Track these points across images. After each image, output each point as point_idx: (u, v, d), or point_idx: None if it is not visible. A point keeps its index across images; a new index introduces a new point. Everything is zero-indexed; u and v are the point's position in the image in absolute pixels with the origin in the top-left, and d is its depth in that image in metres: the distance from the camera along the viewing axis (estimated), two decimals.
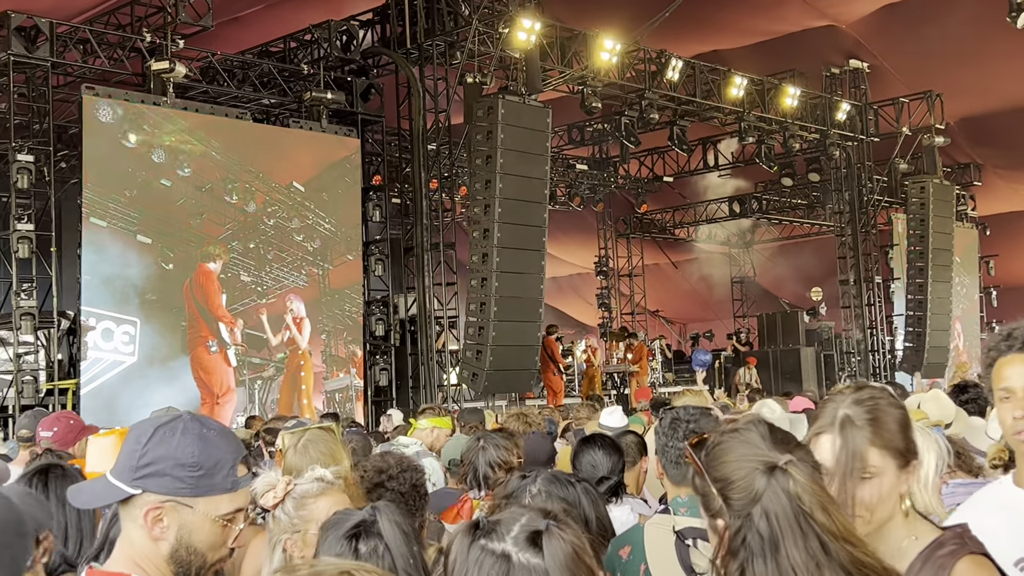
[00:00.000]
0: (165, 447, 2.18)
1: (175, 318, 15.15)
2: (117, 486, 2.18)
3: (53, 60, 14.76)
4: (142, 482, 2.16)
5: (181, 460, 2.17)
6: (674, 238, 32.21)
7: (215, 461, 2.22)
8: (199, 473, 2.19)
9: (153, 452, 2.18)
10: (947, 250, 25.04)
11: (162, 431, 2.20)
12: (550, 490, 3.18)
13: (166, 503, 2.17)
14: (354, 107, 17.79)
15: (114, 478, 2.20)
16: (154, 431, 2.20)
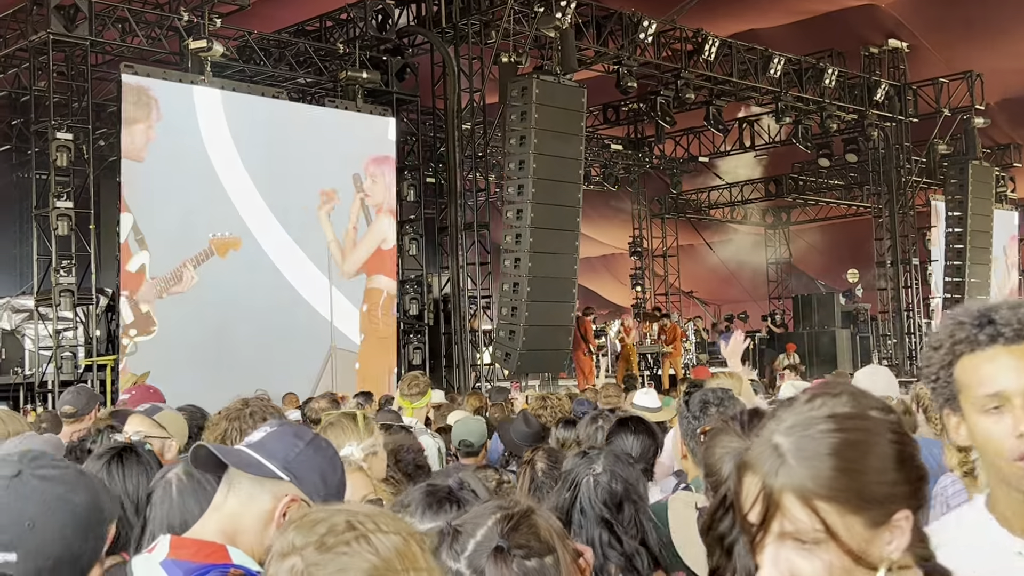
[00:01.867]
0: (322, 458, 2.35)
1: None
2: (266, 465, 2.28)
3: (92, 39, 14.90)
4: (295, 472, 2.28)
5: (327, 476, 2.34)
6: (709, 218, 32.06)
7: (339, 489, 2.39)
8: (330, 492, 2.32)
9: (310, 456, 2.32)
10: (986, 232, 24.77)
11: (318, 441, 2.39)
12: (615, 470, 3.11)
13: (301, 500, 2.27)
14: (389, 87, 17.83)
15: (261, 457, 2.29)
16: (314, 437, 2.39)
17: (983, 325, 1.87)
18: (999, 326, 1.86)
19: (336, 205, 16.74)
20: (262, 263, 15.78)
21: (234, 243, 15.42)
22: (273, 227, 15.98)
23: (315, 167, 16.46)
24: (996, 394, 1.84)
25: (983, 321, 1.88)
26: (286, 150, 16.08)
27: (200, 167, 15.15)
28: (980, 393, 1.85)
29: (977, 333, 1.87)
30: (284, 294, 16.00)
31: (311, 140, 16.34)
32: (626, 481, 3.09)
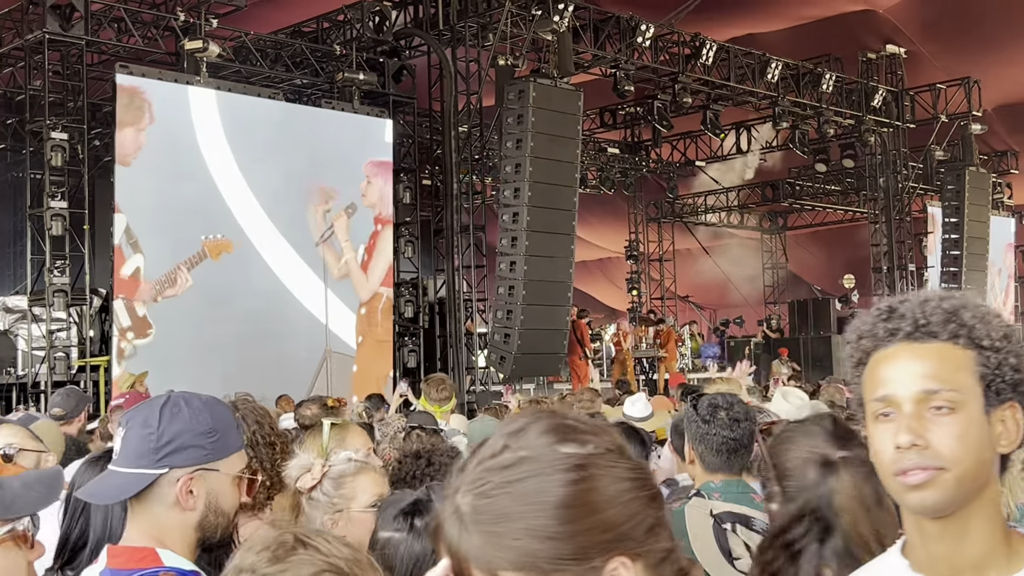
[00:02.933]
0: (180, 422, 2.23)
1: None
2: (139, 473, 2.21)
3: (88, 38, 14.85)
4: (167, 460, 2.21)
5: (199, 429, 2.24)
6: (705, 223, 32.04)
7: (226, 423, 2.32)
8: (216, 437, 2.26)
9: (169, 430, 2.22)
10: (983, 239, 24.77)
11: (167, 409, 2.25)
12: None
13: (195, 473, 2.23)
14: (386, 88, 17.79)
15: (129, 467, 2.22)
16: (160, 412, 2.25)
17: (887, 318, 1.69)
18: (899, 320, 1.66)
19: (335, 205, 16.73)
20: (256, 265, 15.73)
21: (226, 245, 15.36)
22: (268, 229, 15.93)
23: (310, 169, 16.41)
24: (884, 398, 1.63)
25: (887, 314, 1.69)
26: (281, 151, 16.03)
27: (194, 168, 15.11)
28: (871, 397, 1.66)
29: (879, 327, 1.68)
30: (279, 296, 15.96)
31: (307, 141, 16.30)
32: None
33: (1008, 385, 1.62)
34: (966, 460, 1.58)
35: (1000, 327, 1.66)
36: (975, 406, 1.60)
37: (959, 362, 1.62)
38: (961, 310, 1.66)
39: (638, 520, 1.31)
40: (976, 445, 1.59)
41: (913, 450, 1.58)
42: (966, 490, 1.59)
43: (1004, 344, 1.63)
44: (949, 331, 1.63)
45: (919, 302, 1.68)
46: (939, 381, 1.60)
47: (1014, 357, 1.64)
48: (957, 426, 1.59)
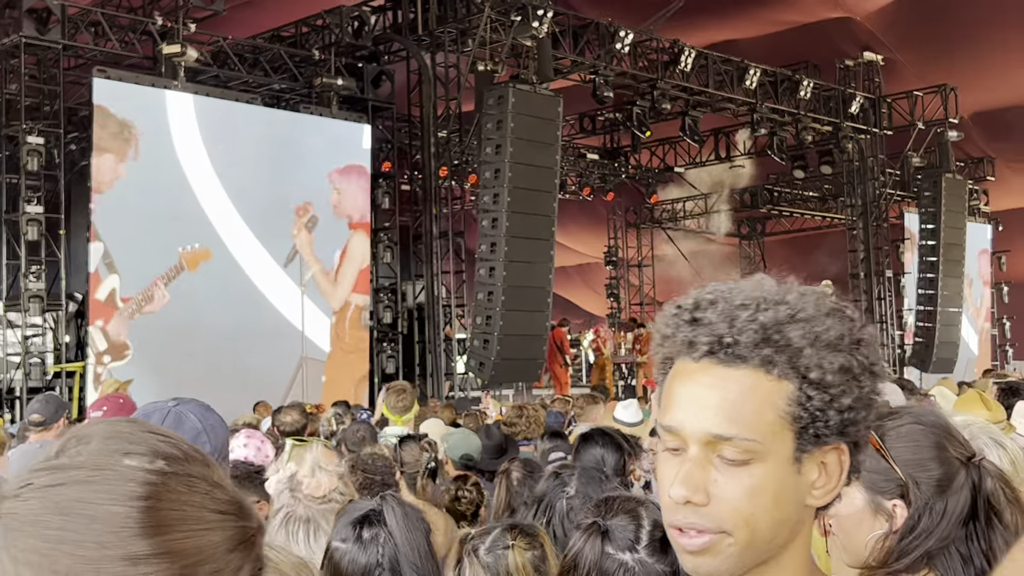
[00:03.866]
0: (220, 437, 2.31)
1: None
2: None
3: (64, 42, 14.77)
4: None
5: (226, 439, 2.35)
6: (684, 228, 32.09)
7: (223, 441, 2.36)
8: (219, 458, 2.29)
9: (218, 446, 2.29)
10: (959, 245, 24.89)
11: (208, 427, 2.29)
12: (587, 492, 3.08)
13: None
14: (364, 93, 17.76)
15: None
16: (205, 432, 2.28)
17: (690, 321, 1.35)
18: (701, 329, 1.33)
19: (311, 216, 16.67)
20: (233, 272, 15.67)
21: (204, 255, 15.28)
22: (243, 233, 15.87)
23: (288, 173, 16.36)
24: (671, 429, 1.33)
25: (690, 315, 1.35)
26: (259, 156, 15.98)
27: (171, 174, 15.02)
28: (661, 419, 1.35)
29: (681, 332, 1.35)
30: (255, 303, 15.89)
31: (285, 146, 16.24)
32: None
33: (832, 429, 1.30)
34: (758, 523, 1.29)
35: (842, 354, 1.29)
36: (780, 455, 1.29)
37: (767, 398, 1.28)
38: (786, 326, 1.29)
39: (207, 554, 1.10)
40: (774, 503, 1.29)
41: (689, 507, 1.29)
42: (757, 555, 1.31)
43: (839, 379, 1.28)
44: (762, 356, 1.29)
45: (731, 308, 1.33)
46: (735, 424, 1.28)
47: (848, 396, 1.29)
48: (750, 480, 1.28)
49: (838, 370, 1.28)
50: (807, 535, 1.36)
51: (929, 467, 1.97)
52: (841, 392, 1.28)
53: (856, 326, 1.33)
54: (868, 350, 1.32)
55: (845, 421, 1.29)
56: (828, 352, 1.28)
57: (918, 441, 2.00)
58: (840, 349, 1.29)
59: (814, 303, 1.33)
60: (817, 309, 1.32)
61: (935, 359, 24.22)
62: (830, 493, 1.33)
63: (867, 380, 1.31)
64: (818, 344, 1.28)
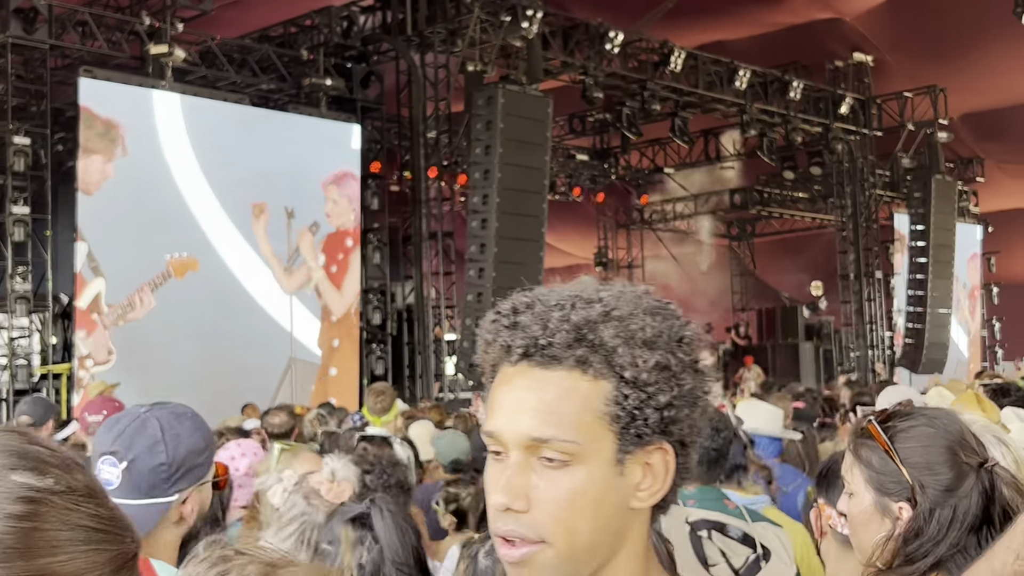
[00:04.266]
0: (184, 446, 2.26)
1: None
2: (155, 503, 2.22)
3: (51, 42, 14.67)
4: (177, 486, 2.25)
5: (198, 448, 2.29)
6: (674, 230, 32.10)
7: (210, 433, 2.38)
8: (209, 451, 2.33)
9: (178, 457, 2.25)
10: (948, 246, 24.93)
11: (169, 436, 2.26)
12: None
13: (193, 491, 2.27)
14: (353, 94, 17.70)
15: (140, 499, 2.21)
16: (164, 440, 2.25)
17: (509, 326, 1.31)
18: (518, 333, 1.30)
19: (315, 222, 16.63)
20: (221, 273, 15.58)
21: (191, 264, 15.18)
22: (231, 235, 15.79)
23: (277, 174, 16.28)
24: (491, 433, 1.30)
25: (510, 319, 1.32)
26: (247, 157, 15.90)
27: (158, 175, 14.94)
28: (484, 427, 1.33)
29: (501, 336, 1.32)
30: (243, 304, 15.81)
31: (273, 147, 16.17)
32: None
33: (652, 428, 1.28)
34: (579, 530, 1.25)
35: (658, 352, 1.28)
36: (601, 457, 1.26)
37: (585, 398, 1.26)
38: (599, 325, 1.27)
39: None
40: (595, 506, 1.26)
41: (509, 514, 1.26)
42: (580, 565, 1.27)
43: (655, 377, 1.27)
44: (576, 356, 1.27)
45: (546, 309, 1.30)
46: (552, 426, 1.25)
47: (666, 394, 1.27)
48: (571, 483, 1.25)
49: (653, 367, 1.26)
50: (639, 541, 1.33)
51: (937, 471, 1.94)
52: (658, 390, 1.27)
53: (677, 324, 1.32)
54: (690, 348, 1.32)
55: (666, 419, 1.28)
56: (643, 350, 1.27)
57: (928, 443, 1.97)
58: (657, 347, 1.28)
59: (631, 301, 1.31)
60: (633, 307, 1.30)
61: (925, 360, 24.26)
62: (655, 495, 1.30)
63: (688, 378, 1.30)
64: (632, 342, 1.27)
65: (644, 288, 1.37)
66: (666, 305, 1.34)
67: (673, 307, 1.35)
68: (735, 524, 3.05)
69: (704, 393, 1.33)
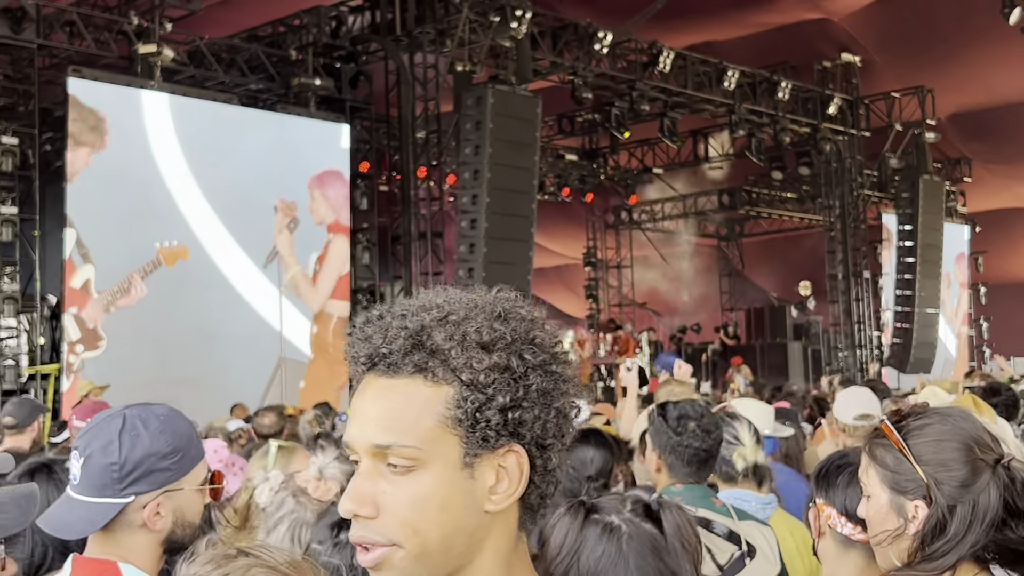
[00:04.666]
0: (141, 448, 2.19)
1: None
2: (105, 503, 2.17)
3: (39, 42, 14.63)
4: (132, 488, 2.18)
5: (161, 452, 2.21)
6: (663, 230, 32.15)
7: (186, 438, 2.28)
8: (178, 456, 2.23)
9: (132, 458, 2.18)
10: (936, 246, 25.03)
11: (126, 435, 2.20)
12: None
13: (161, 496, 2.20)
14: (342, 94, 17.68)
15: (93, 497, 2.18)
16: (119, 438, 2.19)
17: (362, 340, 1.35)
18: (364, 344, 1.34)
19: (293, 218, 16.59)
20: (210, 272, 15.56)
21: (181, 252, 15.18)
22: (220, 234, 15.77)
23: (265, 174, 16.27)
24: (346, 443, 1.35)
25: (361, 332, 1.36)
26: (236, 156, 15.89)
27: (147, 174, 14.91)
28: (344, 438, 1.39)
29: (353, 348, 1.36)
30: (232, 303, 15.78)
31: (262, 146, 16.16)
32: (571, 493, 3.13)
33: (497, 430, 1.28)
34: (429, 532, 1.27)
35: (496, 353, 1.29)
36: (447, 461, 1.28)
37: (426, 404, 1.28)
38: (434, 329, 1.30)
39: None
40: (442, 510, 1.28)
41: (360, 521, 1.30)
42: (435, 566, 1.29)
43: (492, 378, 1.28)
44: (413, 363, 1.29)
45: (391, 318, 1.33)
46: (394, 432, 1.28)
47: (506, 395, 1.28)
48: (416, 488, 1.28)
49: (491, 369, 1.27)
50: (500, 543, 1.33)
51: (952, 467, 1.94)
52: (497, 391, 1.27)
53: (526, 325, 1.33)
54: (540, 349, 1.32)
55: (512, 421, 1.28)
56: (479, 352, 1.28)
57: (942, 441, 1.97)
58: (495, 348, 1.29)
59: (470, 305, 1.34)
60: (472, 310, 1.32)
61: (913, 360, 24.35)
62: (510, 497, 1.31)
63: (537, 379, 1.30)
64: (467, 344, 1.28)
65: (501, 292, 1.38)
66: (516, 307, 1.35)
67: (524, 309, 1.36)
68: (721, 521, 3.08)
69: (562, 394, 1.33)
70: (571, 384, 1.36)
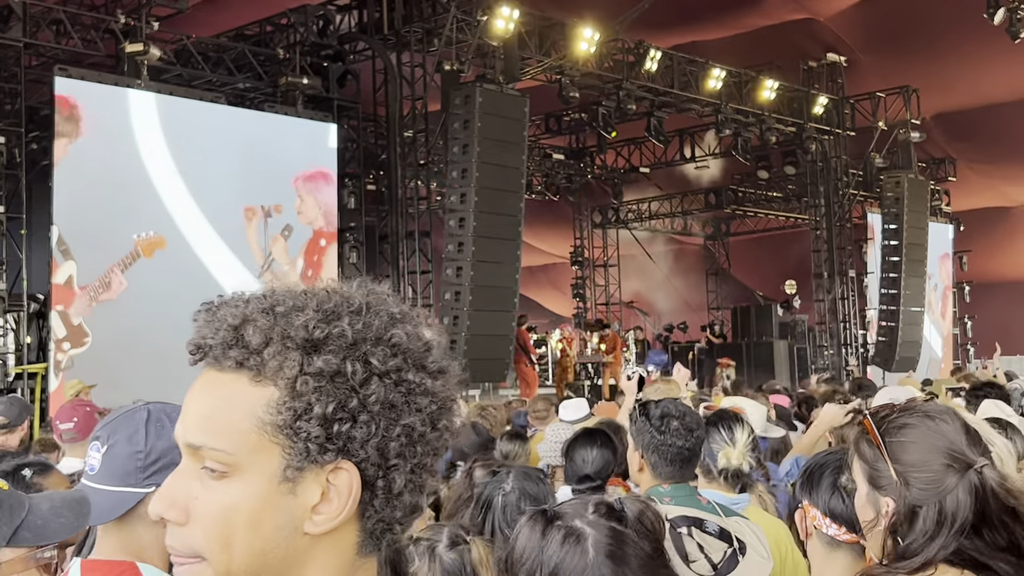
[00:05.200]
0: (166, 439, 2.18)
1: None
2: (126, 492, 2.17)
3: (26, 40, 14.58)
4: (154, 478, 2.17)
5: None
6: (650, 229, 32.22)
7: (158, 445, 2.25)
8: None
9: (157, 448, 2.19)
10: (921, 245, 25.15)
11: (152, 426, 2.21)
12: (524, 487, 3.16)
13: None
14: (330, 93, 17.67)
15: (113, 486, 2.18)
16: (146, 429, 2.21)
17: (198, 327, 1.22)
18: (196, 334, 1.21)
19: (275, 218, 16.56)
20: (197, 271, 15.51)
21: (159, 242, 15.08)
22: (209, 234, 15.74)
23: (253, 173, 16.24)
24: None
25: (196, 320, 1.23)
26: (223, 156, 15.86)
27: (134, 174, 14.85)
28: None
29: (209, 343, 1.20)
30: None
31: (249, 145, 16.12)
32: (534, 498, 3.19)
33: (320, 443, 1.12)
34: (233, 551, 1.12)
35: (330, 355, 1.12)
36: (264, 472, 1.12)
37: (247, 405, 1.13)
38: (254, 322, 1.15)
39: None
40: (250, 526, 1.13)
41: (171, 527, 1.16)
42: None
43: (316, 384, 1.11)
44: (233, 357, 1.14)
45: (217, 307, 1.20)
46: (206, 432, 1.14)
47: (329, 405, 1.11)
48: (226, 497, 1.13)
49: (316, 373, 1.11)
50: (327, 570, 1.17)
51: (922, 469, 1.94)
52: (318, 400, 1.11)
53: (377, 324, 1.16)
54: (392, 353, 1.15)
55: (337, 435, 1.12)
56: (299, 352, 1.12)
57: (917, 442, 1.97)
58: (325, 349, 1.13)
59: (303, 296, 1.18)
60: (304, 303, 1.16)
61: (898, 358, 24.46)
62: (333, 519, 1.14)
63: (381, 388, 1.13)
64: (289, 342, 1.12)
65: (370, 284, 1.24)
66: (368, 304, 1.18)
67: (379, 305, 1.19)
68: (711, 520, 3.11)
69: (418, 409, 1.16)
70: (435, 397, 1.18)
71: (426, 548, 2.67)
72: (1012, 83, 23.27)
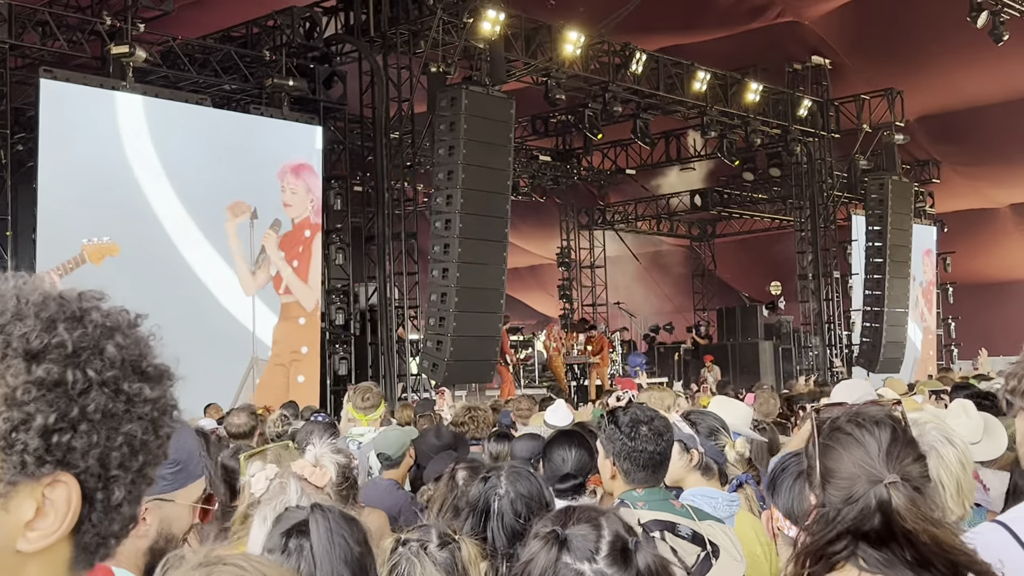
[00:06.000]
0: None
1: None
2: None
3: (11, 42, 14.57)
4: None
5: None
6: (636, 230, 32.29)
7: (188, 453, 2.30)
8: (177, 468, 2.25)
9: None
10: (905, 247, 25.27)
11: None
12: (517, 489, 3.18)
13: (149, 503, 2.20)
14: (316, 94, 17.68)
15: None
16: None
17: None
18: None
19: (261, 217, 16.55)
20: (183, 272, 15.50)
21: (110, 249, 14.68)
22: (194, 234, 15.73)
23: (239, 174, 16.24)
24: None
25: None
26: (209, 157, 15.85)
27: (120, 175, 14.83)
28: None
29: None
30: (205, 303, 15.75)
31: (235, 147, 16.11)
32: (528, 497, 3.19)
33: (38, 455, 1.07)
34: None
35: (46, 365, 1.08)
36: None
37: None
38: None
39: None
40: None
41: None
42: None
43: (34, 394, 1.07)
44: None
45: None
46: None
47: (50, 415, 1.07)
48: None
49: (34, 383, 1.06)
50: None
51: (839, 475, 1.97)
52: (38, 410, 1.06)
53: (101, 332, 1.13)
54: (110, 363, 1.12)
55: (57, 446, 1.07)
56: (20, 361, 1.07)
57: (842, 448, 2.00)
58: (46, 358, 1.08)
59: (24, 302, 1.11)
60: (23, 309, 1.10)
61: (882, 359, 24.58)
62: (49, 536, 1.08)
63: (101, 398, 1.10)
64: (8, 351, 1.08)
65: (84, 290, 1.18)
66: (93, 309, 1.15)
67: (98, 314, 1.15)
68: (685, 523, 3.16)
69: (137, 418, 1.14)
70: (155, 405, 1.17)
71: (417, 547, 2.69)
72: (995, 86, 23.41)
